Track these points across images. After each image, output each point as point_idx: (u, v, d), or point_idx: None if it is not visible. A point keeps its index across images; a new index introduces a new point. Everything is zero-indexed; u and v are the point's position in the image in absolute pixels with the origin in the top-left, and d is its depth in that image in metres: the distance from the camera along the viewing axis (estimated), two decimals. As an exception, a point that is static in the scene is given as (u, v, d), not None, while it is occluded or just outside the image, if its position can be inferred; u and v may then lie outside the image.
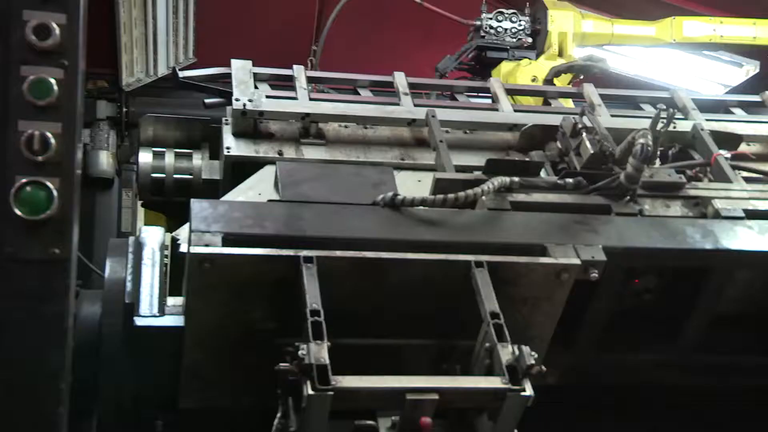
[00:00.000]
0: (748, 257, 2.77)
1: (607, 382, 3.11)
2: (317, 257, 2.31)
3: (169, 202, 3.55)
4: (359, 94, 3.88)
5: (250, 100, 3.33)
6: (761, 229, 2.79)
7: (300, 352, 2.04)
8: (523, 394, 2.10)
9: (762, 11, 6.58)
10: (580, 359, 2.93)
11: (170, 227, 3.05)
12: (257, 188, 3.05)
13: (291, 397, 2.14)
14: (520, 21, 5.93)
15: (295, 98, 3.50)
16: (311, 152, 3.35)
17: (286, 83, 3.68)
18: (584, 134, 3.07)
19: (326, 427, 2.04)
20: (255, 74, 3.57)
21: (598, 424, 3.30)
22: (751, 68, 7.83)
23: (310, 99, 3.52)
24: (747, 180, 3.25)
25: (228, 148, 3.27)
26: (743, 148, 3.63)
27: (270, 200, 2.83)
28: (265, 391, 2.28)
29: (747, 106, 4.23)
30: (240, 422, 2.69)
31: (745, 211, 2.89)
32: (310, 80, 3.76)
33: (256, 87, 3.51)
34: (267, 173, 3.11)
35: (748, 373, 3.15)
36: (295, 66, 3.69)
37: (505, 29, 5.89)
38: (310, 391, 1.98)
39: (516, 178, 2.81)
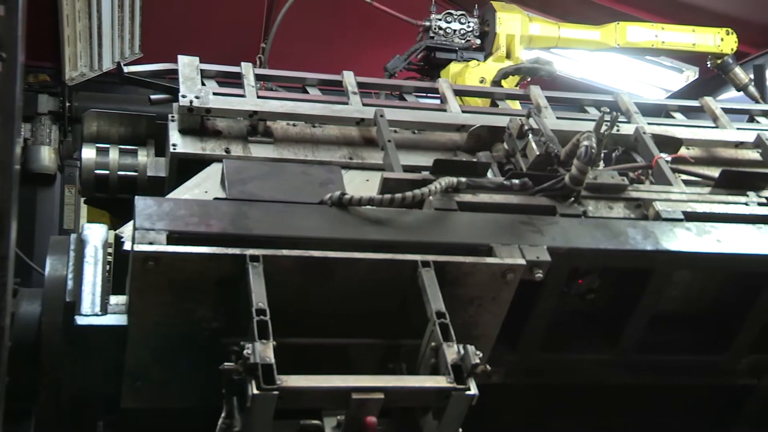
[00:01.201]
0: (686, 258, 2.83)
1: (551, 381, 3.16)
2: (264, 256, 2.29)
3: (113, 199, 3.49)
4: (308, 92, 3.86)
5: (197, 97, 3.30)
6: (699, 231, 2.86)
7: (245, 352, 2.02)
8: (467, 393, 2.11)
9: (701, 19, 6.75)
10: (524, 358, 2.97)
11: (114, 225, 3.00)
12: (203, 186, 3.02)
13: (236, 396, 2.12)
14: (468, 22, 5.97)
15: (242, 96, 3.48)
16: (259, 150, 3.33)
17: (233, 80, 3.65)
18: (530, 136, 3.11)
19: (271, 427, 2.03)
20: (202, 71, 3.54)
21: (542, 422, 3.35)
22: (690, 74, 8.04)
23: (258, 97, 3.50)
24: (686, 183, 3.34)
25: (174, 145, 3.23)
26: (683, 151, 3.72)
27: (216, 198, 2.80)
28: (210, 391, 2.26)
29: (687, 111, 4.35)
30: (183, 422, 2.66)
31: (684, 213, 2.96)
32: (259, 78, 3.74)
33: (203, 84, 3.48)
34: (213, 171, 3.08)
35: (687, 372, 3.22)
36: (243, 63, 3.66)
37: (454, 30, 5.93)
38: (255, 391, 1.97)
39: (463, 179, 2.83)
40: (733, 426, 3.40)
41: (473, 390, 2.12)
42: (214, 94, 3.39)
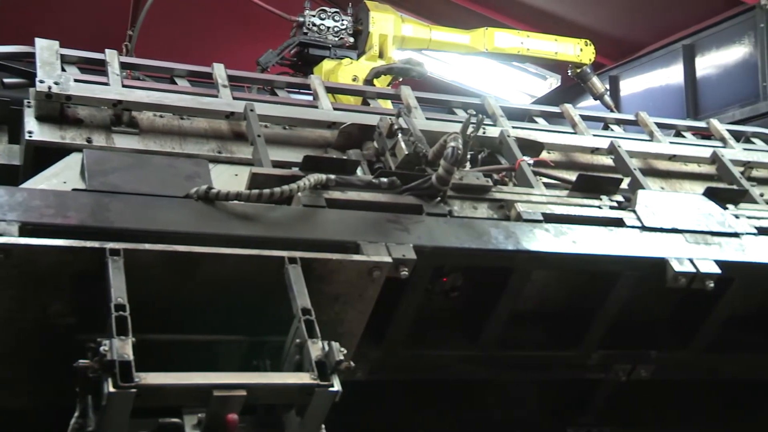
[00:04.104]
0: (544, 258, 2.95)
1: (415, 378, 3.21)
2: (124, 250, 2.21)
3: (-41, 188, 3.28)
4: (176, 83, 3.78)
5: (56, 83, 3.16)
6: (556, 232, 2.98)
7: (102, 349, 1.95)
8: (330, 389, 2.12)
9: (563, 30, 7.08)
10: (389, 355, 3.01)
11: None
12: (62, 176, 2.89)
13: (91, 395, 2.04)
14: (342, 20, 6.00)
15: (106, 84, 3.35)
16: (123, 141, 3.23)
17: (97, 68, 3.52)
18: (400, 135, 3.16)
19: (126, 426, 1.97)
20: (62, 56, 3.39)
21: (406, 418, 3.41)
22: (554, 81, 8.42)
23: (124, 86, 3.39)
24: (546, 185, 3.48)
25: (30, 132, 3.08)
26: (544, 155, 3.88)
27: (75, 189, 2.69)
28: (63, 390, 2.16)
29: (549, 117, 4.54)
30: (33, 423, 2.53)
31: (544, 214, 3.07)
32: (124, 66, 3.63)
33: (63, 69, 3.33)
34: (73, 161, 2.95)
35: (543, 367, 3.36)
36: (107, 50, 3.53)
37: (328, 27, 5.94)
38: (111, 389, 1.90)
39: (332, 176, 2.83)
40: (582, 417, 3.57)
41: (336, 386, 2.13)
42: (76, 80, 3.25)
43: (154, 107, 3.37)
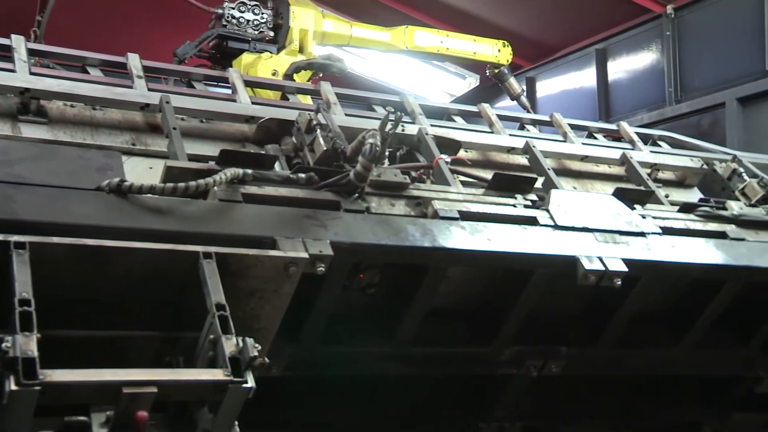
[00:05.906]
0: (460, 255, 2.98)
1: (331, 374, 3.21)
2: (30, 243, 2.14)
3: None
4: (89, 73, 3.67)
5: (-43, 68, 3.02)
6: (472, 230, 3.02)
7: (4, 345, 1.88)
8: (244, 386, 2.10)
9: (482, 31, 7.20)
10: (305, 351, 3.00)
11: None
12: (-38, 166, 2.77)
13: (-8, 394, 1.96)
14: (262, 14, 5.95)
15: (12, 71, 3.23)
16: (30, 130, 3.12)
17: (2, 53, 3.39)
18: (318, 131, 3.15)
19: (30, 425, 1.90)
20: (-36, 40, 3.25)
21: (322, 415, 3.40)
22: (473, 80, 8.55)
23: (32, 73, 3.27)
24: (463, 183, 3.52)
25: (-72, 119, 2.94)
26: (462, 153, 3.93)
27: (-23, 180, 2.58)
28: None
29: (467, 116, 4.60)
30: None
31: (460, 212, 3.10)
32: (32, 53, 3.51)
33: (-36, 54, 3.19)
34: (-24, 150, 2.83)
35: (457, 363, 3.40)
36: (13, 35, 3.41)
37: (248, 20, 5.88)
38: (13, 387, 1.83)
39: (249, 171, 2.80)
40: (494, 413, 3.63)
41: (250, 383, 2.11)
42: (-22, 66, 3.13)
43: (65, 96, 3.27)
